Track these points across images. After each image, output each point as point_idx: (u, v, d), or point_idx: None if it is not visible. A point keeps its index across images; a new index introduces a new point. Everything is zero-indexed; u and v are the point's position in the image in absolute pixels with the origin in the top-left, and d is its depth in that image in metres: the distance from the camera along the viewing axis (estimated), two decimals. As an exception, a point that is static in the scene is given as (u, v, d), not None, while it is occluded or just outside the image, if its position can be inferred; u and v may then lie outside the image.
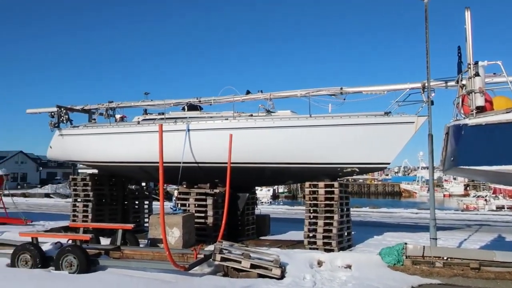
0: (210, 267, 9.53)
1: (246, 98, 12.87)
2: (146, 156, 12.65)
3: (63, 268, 8.95)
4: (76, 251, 9.01)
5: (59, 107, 14.65)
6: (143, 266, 9.02)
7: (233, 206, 12.85)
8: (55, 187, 53.68)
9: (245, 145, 11.71)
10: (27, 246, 9.50)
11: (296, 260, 9.45)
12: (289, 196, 65.53)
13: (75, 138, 14.63)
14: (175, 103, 13.81)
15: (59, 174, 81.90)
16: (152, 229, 11.44)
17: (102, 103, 14.86)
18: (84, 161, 15.51)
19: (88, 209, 14.14)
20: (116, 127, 13.89)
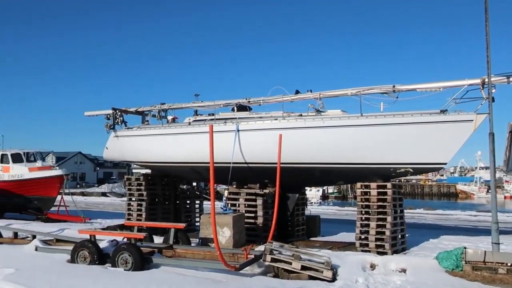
0: (260, 268, 9.52)
1: (295, 98, 12.77)
2: (197, 157, 12.84)
3: (119, 265, 9.25)
4: (131, 249, 9.29)
5: (114, 110, 15.18)
6: (194, 265, 9.15)
7: (283, 206, 12.79)
8: (111, 187, 55.85)
9: (294, 145, 11.62)
10: (86, 243, 9.91)
11: (347, 263, 9.25)
12: (339, 196, 64.55)
13: (129, 139, 15.10)
14: (225, 104, 13.94)
15: (114, 174, 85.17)
16: (203, 229, 11.59)
17: (155, 105, 15.25)
18: (137, 162, 16.00)
19: (142, 208, 14.56)
20: (168, 128, 14.20)
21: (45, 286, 7.87)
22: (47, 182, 19.70)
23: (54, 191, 19.97)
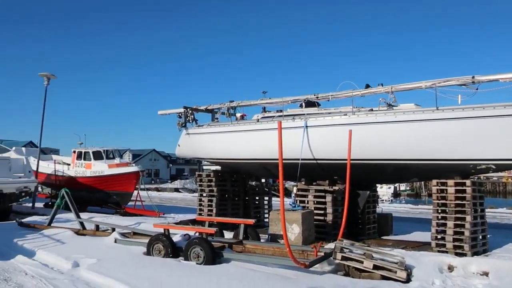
0: (330, 266, 9.37)
1: (365, 92, 12.39)
2: (266, 153, 12.90)
3: (191, 259, 9.53)
4: (202, 243, 9.53)
5: (185, 108, 15.67)
6: (264, 260, 9.19)
7: (353, 203, 12.50)
8: (183, 183, 57.85)
9: (365, 141, 11.30)
10: (160, 237, 10.31)
11: (423, 263, 8.83)
12: (412, 194, 61.98)
13: (200, 137, 15.51)
14: (293, 100, 13.86)
15: (186, 170, 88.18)
16: (272, 225, 11.62)
17: (224, 103, 15.53)
18: (208, 158, 16.40)
19: (213, 204, 14.90)
20: (237, 125, 14.40)
21: (123, 276, 8.28)
22: (125, 178, 20.81)
23: (131, 187, 21.05)
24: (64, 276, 8.74)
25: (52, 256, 10.22)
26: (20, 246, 11.41)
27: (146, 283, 7.84)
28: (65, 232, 12.99)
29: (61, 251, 10.68)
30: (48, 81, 21.40)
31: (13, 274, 8.93)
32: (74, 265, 9.41)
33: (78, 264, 9.45)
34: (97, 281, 8.26)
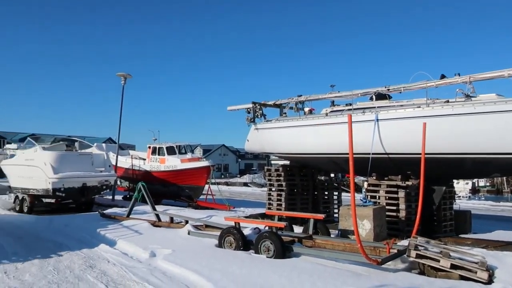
0: (403, 263, 9.05)
1: (440, 83, 11.80)
2: (335, 148, 12.73)
3: (262, 252, 9.64)
4: (272, 237, 9.61)
5: (254, 103, 15.85)
6: (335, 256, 9.08)
7: (428, 199, 11.98)
8: (252, 177, 58.65)
9: (440, 134, 10.78)
10: (231, 230, 10.54)
11: (507, 264, 8.27)
12: (492, 190, 58.17)
13: (269, 132, 15.63)
14: (363, 93, 13.53)
15: (255, 165, 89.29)
16: (342, 220, 11.46)
17: (292, 97, 15.52)
18: (277, 153, 16.49)
19: (282, 198, 14.98)
20: (305, 120, 14.33)
21: (197, 267, 8.56)
22: (197, 173, 21.51)
23: (203, 181, 21.72)
24: (142, 265, 9.22)
25: (131, 246, 10.81)
26: (103, 236, 12.18)
27: (218, 274, 8.05)
28: (142, 223, 13.68)
29: (139, 241, 11.26)
30: (124, 80, 22.61)
31: (97, 261, 9.58)
32: (151, 255, 9.89)
33: (155, 254, 9.92)
34: (173, 271, 8.62)
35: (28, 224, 14.94)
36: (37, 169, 17.98)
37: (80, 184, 18.00)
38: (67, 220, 14.78)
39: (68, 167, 18.02)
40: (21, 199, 19.03)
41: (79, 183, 17.98)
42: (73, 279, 8.08)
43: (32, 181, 18.40)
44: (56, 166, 17.66)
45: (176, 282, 7.94)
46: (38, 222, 15.19)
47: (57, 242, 11.90)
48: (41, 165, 17.82)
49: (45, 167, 17.62)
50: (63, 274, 8.45)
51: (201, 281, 7.81)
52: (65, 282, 7.90)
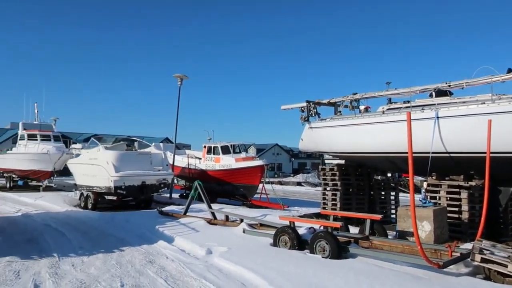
0: (467, 268, 8.64)
1: (507, 78, 11.14)
2: (392, 146, 12.38)
3: (317, 252, 9.56)
4: (328, 237, 9.50)
5: (308, 102, 15.74)
6: (393, 258, 8.83)
7: (493, 201, 11.36)
8: (305, 176, 58.18)
9: (508, 132, 10.18)
10: (286, 229, 10.53)
11: None
12: None
13: (323, 130, 15.46)
14: (421, 90, 13.06)
15: (308, 164, 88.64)
16: (400, 221, 11.12)
17: (347, 95, 15.26)
18: (331, 152, 16.28)
19: (337, 198, 14.78)
20: (361, 118, 14.05)
21: (252, 265, 8.63)
22: (251, 172, 21.69)
23: (257, 180, 21.86)
24: (199, 262, 9.43)
25: (188, 243, 11.09)
26: (161, 232, 12.58)
27: (273, 273, 8.07)
28: (198, 221, 13.98)
29: (196, 238, 11.53)
30: (181, 81, 23.21)
31: (156, 257, 9.91)
32: (208, 252, 10.09)
33: (211, 252, 10.11)
34: (229, 269, 8.75)
35: (92, 220, 15.71)
36: (100, 168, 18.87)
37: (139, 182, 18.70)
38: (128, 217, 15.39)
39: (128, 166, 18.77)
40: (86, 196, 20.05)
41: (138, 181, 18.68)
42: (134, 274, 8.41)
43: (95, 179, 19.34)
44: (117, 165, 18.45)
45: (232, 280, 8.05)
46: (101, 218, 15.93)
47: (119, 237, 12.43)
48: (104, 164, 18.69)
49: (107, 166, 18.46)
50: (125, 268, 8.81)
51: (256, 279, 7.87)
52: (127, 276, 8.24)
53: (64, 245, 11.12)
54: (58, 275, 8.25)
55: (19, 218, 16.21)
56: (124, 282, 7.78)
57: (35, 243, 11.42)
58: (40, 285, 7.59)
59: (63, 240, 11.94)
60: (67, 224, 14.60)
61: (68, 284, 7.62)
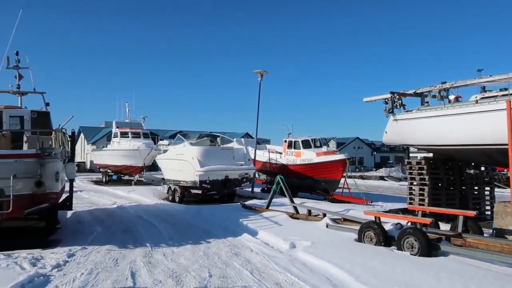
0: None
1: None
2: (487, 138, 11.50)
3: (404, 249, 9.20)
4: (416, 233, 9.10)
5: (392, 93, 15.13)
6: (491, 257, 8.24)
7: None
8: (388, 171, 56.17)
9: None
10: (371, 225, 10.25)
11: None
12: None
13: (409, 122, 14.77)
14: (520, 76, 11.96)
15: (391, 158, 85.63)
16: (498, 218, 10.33)
17: (435, 85, 14.43)
18: (418, 145, 15.52)
19: (424, 193, 14.07)
20: (451, 109, 13.20)
21: (337, 260, 8.52)
22: (332, 166, 21.39)
23: (339, 174, 21.51)
24: (283, 255, 9.49)
25: (272, 237, 11.21)
26: (245, 226, 12.85)
27: (359, 269, 7.90)
28: (281, 215, 14.08)
29: (279, 232, 11.62)
30: (261, 77, 23.46)
31: (241, 249, 10.14)
32: (291, 246, 10.13)
33: (294, 246, 10.13)
34: (313, 263, 8.71)
35: (179, 213, 16.47)
36: (186, 163, 19.70)
37: (223, 177, 19.24)
38: (212, 210, 15.93)
39: (212, 161, 19.39)
40: (173, 190, 21.06)
41: (222, 175, 19.23)
42: (221, 265, 8.68)
43: (182, 173, 20.24)
44: (202, 160, 19.14)
45: (317, 274, 8.00)
46: (188, 211, 16.65)
47: (205, 229, 12.90)
48: (189, 159, 19.48)
49: (192, 161, 19.22)
50: (212, 260, 9.13)
51: (342, 275, 7.75)
52: (214, 267, 8.52)
53: (156, 236, 11.78)
54: (152, 264, 8.75)
55: (115, 210, 17.47)
56: (212, 273, 8.05)
57: (130, 233, 12.23)
58: (136, 272, 8.10)
59: (154, 231, 12.65)
60: (157, 216, 15.44)
61: (160, 273, 8.05)
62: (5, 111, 14.33)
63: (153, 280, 7.56)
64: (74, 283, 7.33)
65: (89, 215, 15.95)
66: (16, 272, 7.67)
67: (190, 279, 7.66)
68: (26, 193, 10.01)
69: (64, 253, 9.33)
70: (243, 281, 7.58)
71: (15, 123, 14.39)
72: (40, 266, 8.20)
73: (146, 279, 7.67)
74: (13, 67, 15.48)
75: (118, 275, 7.91)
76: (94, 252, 9.67)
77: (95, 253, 9.58)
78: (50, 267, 8.19)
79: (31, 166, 10.05)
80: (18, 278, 7.27)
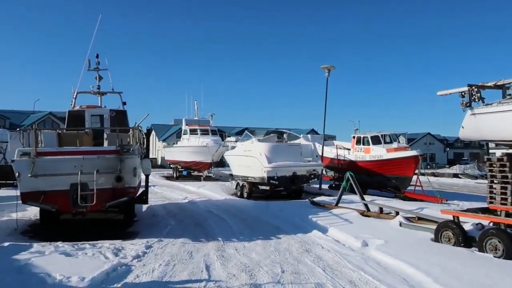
0: None
1: None
2: None
3: (487, 251, 8.70)
4: (501, 234, 8.57)
5: (470, 86, 14.25)
6: None
7: None
8: (463, 168, 53.25)
9: None
10: (449, 224, 9.78)
11: None
12: None
13: (489, 117, 13.84)
14: None
15: (465, 154, 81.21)
16: None
17: (516, 76, 13.43)
18: (499, 140, 14.51)
19: (507, 192, 13.06)
20: (538, 101, 12.23)
21: (412, 260, 8.24)
22: (404, 162, 20.62)
23: (410, 171, 20.70)
24: (355, 253, 9.32)
25: (343, 234, 11.05)
26: (315, 222, 12.77)
27: (437, 270, 7.58)
28: (351, 212, 13.84)
29: (350, 230, 11.43)
30: (328, 72, 23.14)
31: (312, 246, 10.09)
32: (363, 244, 9.92)
33: (367, 244, 9.92)
34: (387, 262, 8.48)
35: (248, 208, 16.69)
36: (254, 159, 19.92)
37: (290, 173, 19.22)
38: (281, 206, 15.98)
39: (279, 157, 19.44)
40: (241, 185, 21.38)
41: (289, 172, 19.21)
42: (292, 261, 8.69)
43: (250, 170, 20.49)
44: (269, 156, 19.25)
45: (392, 273, 7.79)
46: (256, 206, 16.83)
47: (274, 225, 12.98)
48: (257, 155, 19.67)
49: (260, 157, 19.38)
50: (283, 256, 9.17)
51: (418, 275, 7.49)
52: (286, 263, 8.56)
53: (227, 230, 12.04)
54: (224, 257, 8.95)
55: (187, 205, 18.07)
56: (284, 269, 8.09)
57: (202, 227, 12.60)
58: (210, 265, 8.33)
59: (225, 225, 12.93)
60: (226, 211, 15.77)
61: (234, 267, 8.22)
62: (87, 110, 15.32)
63: (227, 274, 7.74)
64: (153, 274, 7.68)
65: (162, 209, 16.64)
66: (101, 261, 8.19)
67: (263, 274, 7.74)
68: (107, 187, 10.66)
69: (143, 245, 9.80)
70: (316, 278, 7.54)
71: (96, 121, 15.35)
72: (121, 256, 8.68)
73: (220, 272, 7.86)
74: (93, 69, 16.51)
75: (193, 267, 8.18)
76: (170, 245, 10.07)
77: (171, 246, 9.97)
78: (131, 258, 8.64)
79: (112, 162, 10.66)
80: (103, 266, 7.76)
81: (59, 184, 10.34)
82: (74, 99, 16.26)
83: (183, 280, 7.39)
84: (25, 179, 10.20)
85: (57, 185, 10.34)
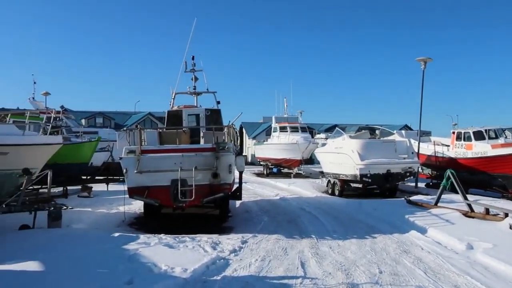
0: None
1: None
2: None
3: None
4: None
5: None
6: None
7: None
8: None
9: None
10: None
11: None
12: None
13: None
14: None
15: None
16: None
17: None
18: None
19: None
20: None
21: (526, 266, 7.54)
22: (511, 160, 18.91)
23: (520, 169, 18.91)
24: (459, 257, 8.74)
25: (444, 235, 10.42)
26: (412, 222, 12.19)
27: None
28: (452, 213, 13.00)
29: (452, 231, 10.74)
30: (425, 65, 21.95)
31: (410, 247, 9.66)
32: (468, 247, 9.28)
33: (472, 247, 9.26)
34: (496, 267, 7.86)
35: (340, 206, 16.43)
36: (346, 156, 19.53)
37: (384, 171, 18.54)
38: (375, 205, 15.47)
39: (372, 154, 18.85)
40: (333, 183, 21.08)
41: (383, 169, 18.55)
42: (390, 262, 8.39)
43: (341, 167, 20.14)
44: (362, 153, 18.75)
45: (503, 280, 7.21)
46: (348, 204, 16.50)
47: (368, 224, 12.64)
48: (349, 152, 19.26)
49: (352, 154, 18.96)
50: (380, 256, 8.89)
51: (535, 284, 6.83)
52: (383, 263, 8.29)
53: (320, 228, 11.96)
54: (319, 255, 8.90)
55: (278, 201, 18.26)
56: (382, 269, 7.84)
57: (295, 224, 12.65)
58: (305, 263, 8.33)
59: (317, 223, 12.86)
60: (318, 209, 15.66)
61: (329, 265, 8.14)
62: (184, 110, 16.13)
63: (323, 272, 7.68)
64: (250, 268, 7.87)
65: (255, 205, 16.98)
66: (201, 254, 8.58)
67: (360, 274, 7.58)
68: (204, 183, 11.15)
69: (238, 240, 10.09)
70: (417, 280, 7.21)
71: (192, 120, 16.10)
72: (219, 250, 9.02)
73: (316, 270, 7.83)
74: (189, 71, 17.33)
75: (288, 263, 8.24)
76: (264, 240, 10.25)
77: (265, 241, 10.15)
78: (228, 252, 8.94)
79: (209, 159, 11.11)
80: (203, 259, 8.13)
81: (161, 180, 11.02)
82: (172, 99, 17.19)
83: (280, 276, 7.48)
84: (131, 175, 11.02)
85: (159, 180, 11.03)
